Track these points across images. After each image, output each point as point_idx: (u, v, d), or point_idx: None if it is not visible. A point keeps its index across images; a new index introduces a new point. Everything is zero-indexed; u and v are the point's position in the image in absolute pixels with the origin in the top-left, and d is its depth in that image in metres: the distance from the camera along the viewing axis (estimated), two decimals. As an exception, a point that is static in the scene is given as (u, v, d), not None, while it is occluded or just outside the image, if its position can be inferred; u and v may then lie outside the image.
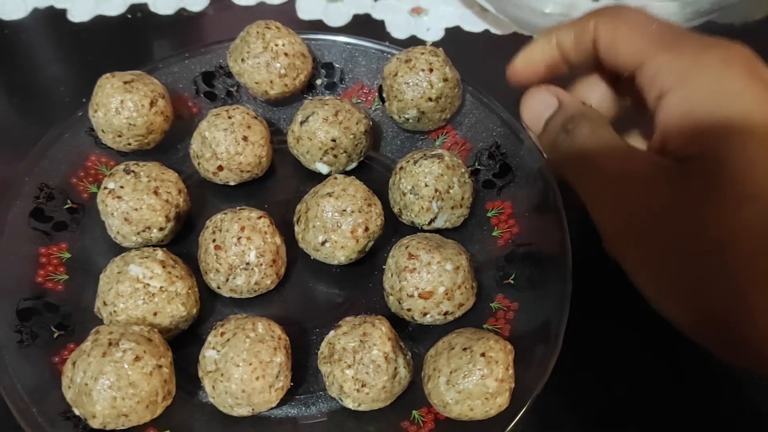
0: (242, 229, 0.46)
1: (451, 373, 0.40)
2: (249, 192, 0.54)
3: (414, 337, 0.48)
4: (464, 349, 0.41)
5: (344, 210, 0.47)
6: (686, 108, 0.32)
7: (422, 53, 0.52)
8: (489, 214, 0.52)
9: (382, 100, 0.55)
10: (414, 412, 0.44)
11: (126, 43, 0.66)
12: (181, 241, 0.51)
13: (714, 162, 0.30)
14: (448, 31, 0.69)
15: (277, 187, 0.55)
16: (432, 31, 0.68)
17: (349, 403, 0.42)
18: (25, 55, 0.65)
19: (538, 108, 0.39)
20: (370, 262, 0.51)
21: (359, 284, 0.50)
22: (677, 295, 0.31)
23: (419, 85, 0.51)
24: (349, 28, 0.68)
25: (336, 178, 0.49)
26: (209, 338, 0.43)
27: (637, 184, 0.33)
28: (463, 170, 0.50)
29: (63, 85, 0.63)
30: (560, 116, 0.38)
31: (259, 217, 0.47)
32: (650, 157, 0.34)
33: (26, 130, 0.60)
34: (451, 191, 0.49)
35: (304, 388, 0.46)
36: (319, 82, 0.59)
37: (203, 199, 0.54)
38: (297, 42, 0.55)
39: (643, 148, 0.37)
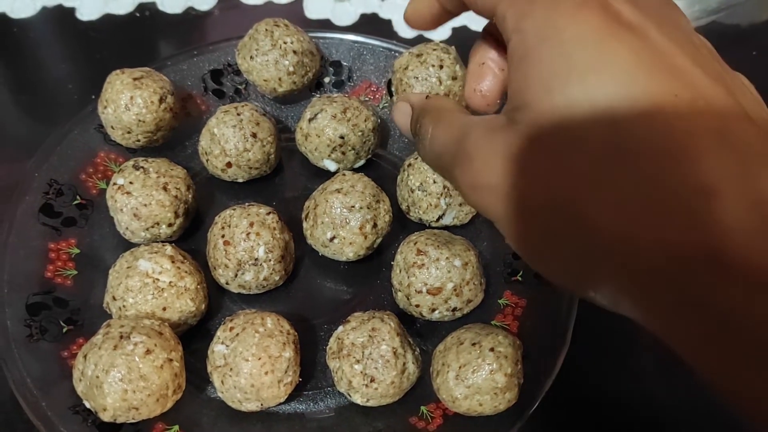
0: (251, 224, 0.46)
1: (460, 368, 0.40)
2: (257, 189, 0.54)
3: (422, 334, 0.48)
4: (473, 345, 0.41)
5: (353, 206, 0.47)
6: (516, 54, 0.29)
7: (434, 49, 0.52)
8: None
9: (391, 94, 0.55)
10: (422, 407, 0.44)
11: (134, 41, 0.67)
12: (190, 237, 0.51)
13: (530, 110, 0.27)
14: (455, 30, 0.69)
15: (286, 184, 0.55)
16: (439, 30, 0.68)
17: (358, 399, 0.43)
18: (34, 53, 0.65)
19: (402, 121, 0.36)
20: (378, 258, 0.51)
21: (367, 281, 0.50)
22: (536, 245, 0.29)
23: (428, 80, 0.51)
24: (357, 28, 0.68)
25: (344, 175, 0.49)
26: (218, 333, 0.43)
27: (470, 154, 0.30)
28: (471, 167, 0.50)
29: (71, 83, 0.63)
30: (412, 120, 0.36)
31: (268, 213, 0.47)
32: (485, 123, 0.31)
33: (35, 127, 0.60)
34: (459, 188, 0.49)
35: (312, 383, 0.46)
36: (327, 80, 0.59)
37: (212, 195, 0.54)
38: (305, 40, 0.55)
39: None
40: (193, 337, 0.46)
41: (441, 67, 0.51)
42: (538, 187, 0.27)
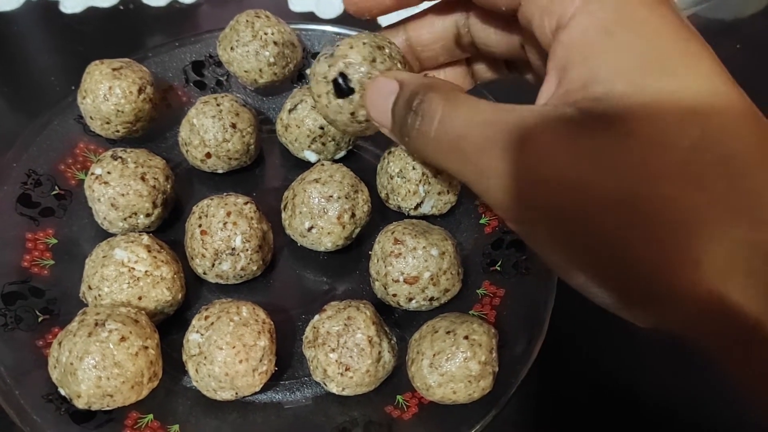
0: (228, 214, 0.46)
1: (434, 355, 0.40)
2: (237, 180, 0.54)
3: (400, 324, 0.47)
4: (448, 332, 0.41)
5: (330, 196, 0.47)
6: (585, 38, 0.27)
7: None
8: (477, 202, 0.52)
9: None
10: (398, 396, 0.43)
11: (118, 34, 0.67)
12: (169, 228, 0.51)
13: (621, 103, 0.25)
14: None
15: (266, 175, 0.55)
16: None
17: (333, 388, 0.42)
18: (17, 45, 0.65)
19: (380, 98, 0.33)
20: (357, 249, 0.51)
21: (346, 271, 0.50)
22: (593, 259, 0.27)
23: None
24: (341, 21, 0.68)
25: (323, 165, 0.49)
26: (193, 322, 0.43)
27: (527, 143, 0.26)
28: (450, 157, 0.50)
29: (54, 75, 0.63)
30: (402, 98, 0.31)
31: (246, 203, 0.47)
32: (533, 109, 0.28)
33: (16, 119, 0.60)
34: (438, 175, 0.49)
35: (289, 373, 0.46)
36: (308, 71, 0.59)
37: (191, 187, 0.54)
38: (286, 31, 0.55)
39: None
40: (171, 327, 0.46)
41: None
42: (621, 180, 0.25)
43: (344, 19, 0.68)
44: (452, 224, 0.52)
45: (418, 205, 0.50)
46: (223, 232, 0.46)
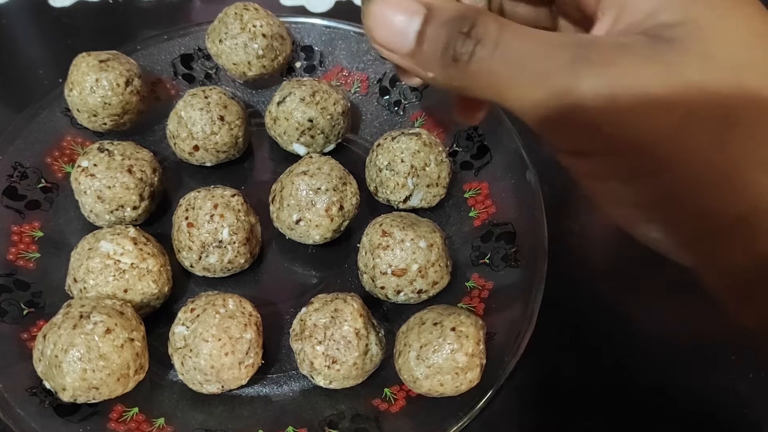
0: (215, 206, 0.46)
1: (421, 347, 0.40)
2: (226, 173, 0.54)
3: (388, 317, 0.47)
4: (435, 324, 0.40)
5: (318, 188, 0.47)
6: None
7: None
8: (466, 195, 0.52)
9: None
10: (386, 389, 0.43)
11: (107, 28, 0.66)
12: (156, 221, 0.51)
13: (696, 28, 0.26)
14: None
15: (255, 168, 0.55)
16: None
17: (320, 381, 0.42)
18: (5, 38, 0.65)
19: (397, 19, 0.29)
20: (345, 242, 0.51)
21: (334, 265, 0.50)
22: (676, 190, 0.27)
23: None
24: (331, 15, 0.67)
25: (311, 157, 0.49)
26: (179, 314, 0.42)
27: (611, 66, 0.26)
28: (440, 149, 0.50)
29: (42, 68, 0.62)
30: (440, 20, 0.28)
31: (233, 195, 0.47)
32: (601, 38, 0.28)
33: (3, 112, 0.59)
34: (427, 168, 0.49)
35: (276, 367, 0.45)
36: (298, 65, 0.58)
37: (180, 180, 0.54)
38: (275, 24, 0.55)
39: None
40: (158, 321, 0.46)
41: None
42: (719, 108, 0.26)
43: (334, 13, 0.68)
44: (441, 217, 0.51)
45: (407, 198, 0.50)
46: (210, 225, 0.45)
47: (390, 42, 0.30)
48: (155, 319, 0.46)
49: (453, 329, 0.40)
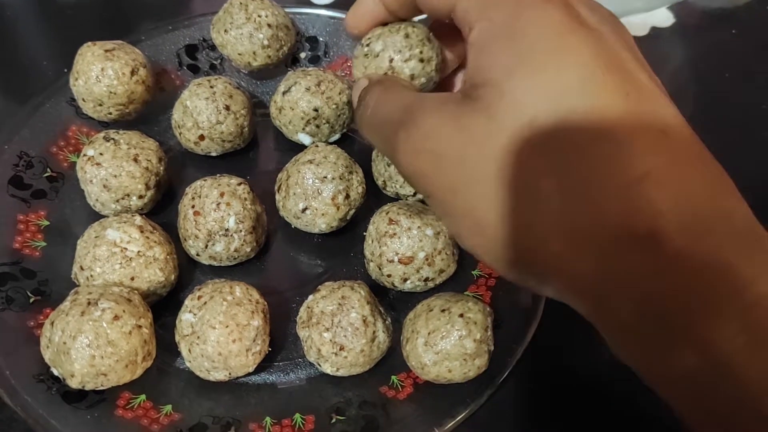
0: (222, 195, 0.46)
1: (429, 334, 0.40)
2: (231, 163, 0.54)
3: (395, 305, 0.47)
4: (443, 311, 0.40)
5: (325, 177, 0.47)
6: (480, 39, 0.31)
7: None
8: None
9: None
10: (393, 377, 0.43)
11: (112, 20, 0.66)
12: (162, 210, 0.51)
13: (492, 88, 0.29)
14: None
15: (260, 158, 0.55)
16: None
17: (327, 368, 0.42)
18: (10, 31, 0.65)
19: (359, 84, 0.39)
20: (351, 231, 0.50)
21: (340, 254, 0.50)
22: (472, 226, 0.31)
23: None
24: (336, 5, 0.67)
25: (317, 146, 0.49)
26: (186, 302, 0.42)
27: (418, 121, 0.32)
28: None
29: (47, 60, 0.62)
30: (361, 92, 0.37)
31: (239, 184, 0.47)
32: (435, 95, 0.33)
33: (7, 103, 0.59)
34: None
35: (283, 355, 0.45)
36: (303, 55, 0.58)
37: (185, 170, 0.54)
38: (281, 14, 0.55)
39: None
40: (164, 309, 0.46)
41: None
42: (494, 161, 0.29)
43: (340, 4, 0.68)
44: (447, 207, 0.51)
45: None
46: (217, 213, 0.45)
47: (354, 103, 0.39)
48: (162, 308, 0.46)
49: (461, 315, 0.40)
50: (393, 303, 0.47)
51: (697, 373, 0.26)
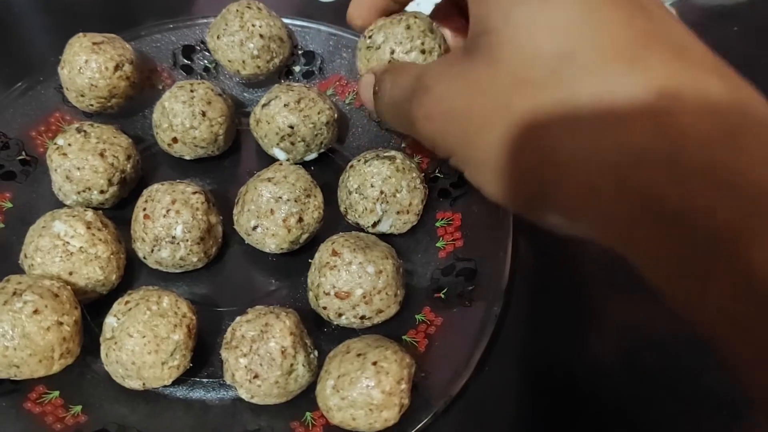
0: (173, 202, 0.45)
1: (338, 377, 0.38)
2: (205, 168, 0.53)
3: (335, 339, 0.45)
4: (358, 355, 0.39)
5: (280, 197, 0.46)
6: None
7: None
8: (437, 224, 0.50)
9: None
10: (308, 413, 0.42)
11: (117, 17, 0.66)
12: (126, 207, 0.51)
13: (491, 34, 0.30)
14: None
15: (234, 167, 0.54)
16: (421, 5, 0.65)
17: (243, 393, 0.41)
18: (17, 27, 0.65)
19: (365, 91, 0.40)
20: (307, 255, 0.49)
21: (293, 275, 0.49)
22: (491, 167, 0.31)
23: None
24: (339, 6, 0.66)
25: (281, 165, 0.48)
26: (114, 305, 0.42)
27: (430, 88, 0.33)
28: (414, 175, 0.48)
29: (54, 56, 0.63)
30: (374, 87, 0.39)
31: (194, 193, 0.46)
32: (443, 60, 0.36)
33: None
34: (398, 195, 0.47)
35: (210, 372, 0.44)
36: (297, 68, 0.58)
37: (160, 169, 0.54)
38: (276, 25, 0.54)
39: None
40: (106, 308, 0.46)
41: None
42: (499, 104, 0.29)
43: (342, 6, 0.66)
44: (410, 243, 0.49)
45: (376, 223, 0.48)
46: (165, 219, 0.45)
47: (368, 105, 0.41)
48: (103, 306, 0.45)
49: (374, 363, 0.38)
50: (333, 336, 0.46)
51: (738, 300, 0.24)
